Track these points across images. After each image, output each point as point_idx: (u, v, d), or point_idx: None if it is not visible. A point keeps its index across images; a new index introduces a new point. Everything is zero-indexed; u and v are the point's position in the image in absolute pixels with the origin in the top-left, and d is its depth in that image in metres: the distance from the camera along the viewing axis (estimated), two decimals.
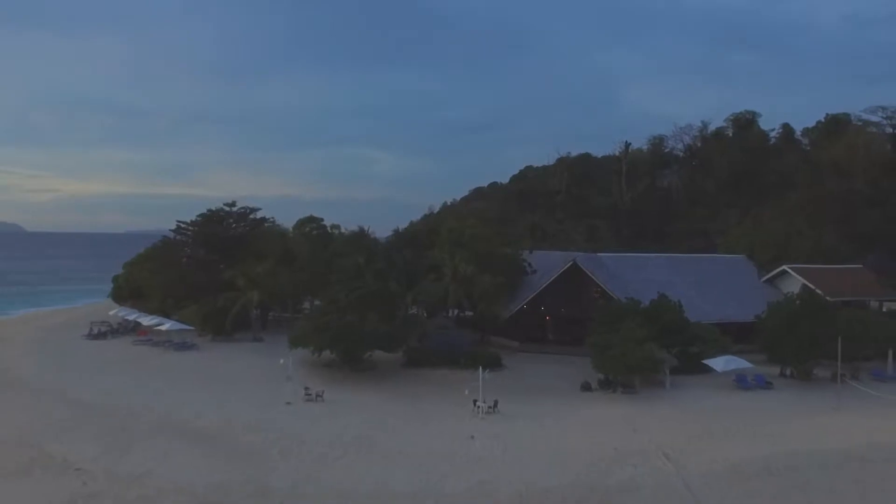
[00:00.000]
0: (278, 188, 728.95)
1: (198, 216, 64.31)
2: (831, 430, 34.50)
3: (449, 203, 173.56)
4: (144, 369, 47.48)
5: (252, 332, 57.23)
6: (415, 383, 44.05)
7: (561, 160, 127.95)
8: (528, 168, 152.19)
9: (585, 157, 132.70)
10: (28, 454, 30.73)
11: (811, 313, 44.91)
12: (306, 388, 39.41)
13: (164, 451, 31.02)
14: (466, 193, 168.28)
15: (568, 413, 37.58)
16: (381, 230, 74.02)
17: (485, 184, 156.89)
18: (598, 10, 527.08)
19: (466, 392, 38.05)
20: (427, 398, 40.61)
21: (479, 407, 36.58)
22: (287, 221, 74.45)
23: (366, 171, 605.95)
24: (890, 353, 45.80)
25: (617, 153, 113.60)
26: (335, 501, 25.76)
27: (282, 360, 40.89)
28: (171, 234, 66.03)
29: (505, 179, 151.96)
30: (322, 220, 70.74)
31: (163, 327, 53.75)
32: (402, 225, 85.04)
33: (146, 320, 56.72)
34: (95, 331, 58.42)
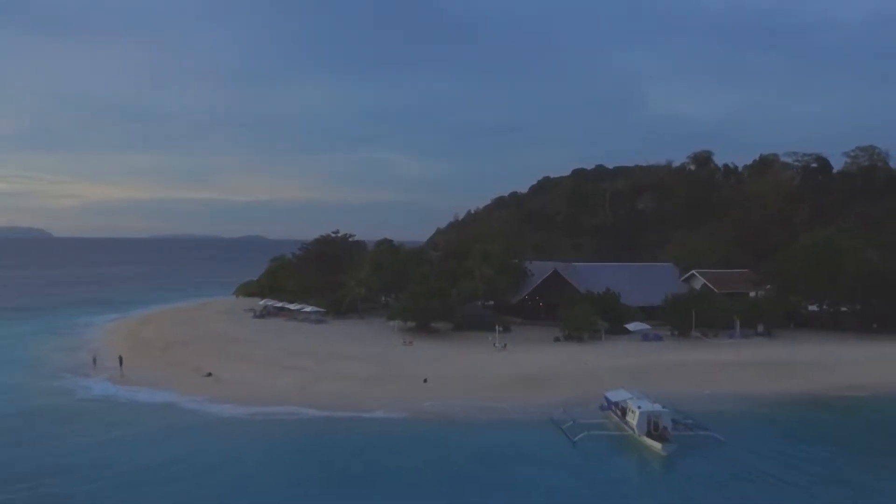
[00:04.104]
0: (299, 192, 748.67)
1: (314, 239, 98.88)
2: (677, 356, 67.38)
3: (473, 211, 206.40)
4: (302, 333, 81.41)
5: (357, 314, 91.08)
6: (460, 338, 77.64)
7: (575, 172, 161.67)
8: (546, 179, 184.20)
9: (599, 169, 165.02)
10: (280, 365, 64.71)
11: (687, 299, 77.86)
12: (403, 339, 73.24)
13: (341, 362, 64.81)
14: (489, 202, 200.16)
15: (544, 350, 70.84)
16: (405, 233, 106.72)
17: (506, 189, 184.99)
18: (618, 12, 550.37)
19: (489, 338, 71.81)
20: (468, 345, 74.07)
21: (496, 346, 70.11)
22: (311, 225, 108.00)
23: (386, 174, 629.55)
24: (737, 322, 78.17)
25: (624, 165, 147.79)
26: (432, 374, 59.24)
27: (390, 323, 75.06)
28: (299, 250, 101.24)
29: (525, 185, 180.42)
30: (392, 241, 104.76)
31: (306, 309, 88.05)
32: (426, 227, 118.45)
33: (292, 306, 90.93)
34: (259, 313, 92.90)
